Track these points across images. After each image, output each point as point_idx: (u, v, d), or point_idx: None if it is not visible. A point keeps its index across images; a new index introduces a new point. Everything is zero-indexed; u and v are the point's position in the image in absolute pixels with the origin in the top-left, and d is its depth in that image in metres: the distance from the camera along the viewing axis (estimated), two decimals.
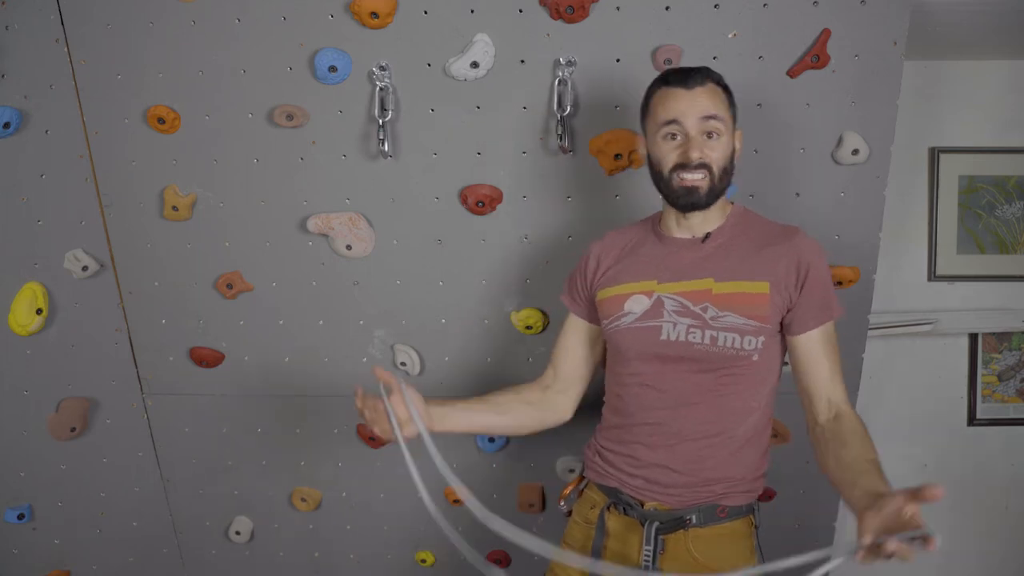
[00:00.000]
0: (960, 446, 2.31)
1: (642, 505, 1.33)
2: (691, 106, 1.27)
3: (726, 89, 1.32)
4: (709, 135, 1.28)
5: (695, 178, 1.27)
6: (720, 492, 1.30)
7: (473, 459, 1.91)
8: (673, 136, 1.29)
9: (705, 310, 1.28)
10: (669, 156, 1.30)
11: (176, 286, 1.83)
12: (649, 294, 1.33)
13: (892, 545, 0.93)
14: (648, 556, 1.28)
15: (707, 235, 1.34)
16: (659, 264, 1.35)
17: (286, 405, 1.91)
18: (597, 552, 1.36)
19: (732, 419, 1.30)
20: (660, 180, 1.33)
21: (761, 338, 1.27)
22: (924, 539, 0.92)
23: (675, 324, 1.29)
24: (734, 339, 1.26)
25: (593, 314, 1.45)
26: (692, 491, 1.30)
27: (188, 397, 1.92)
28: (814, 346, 1.30)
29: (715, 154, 1.28)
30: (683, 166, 1.28)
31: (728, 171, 1.31)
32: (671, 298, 1.31)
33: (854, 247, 1.68)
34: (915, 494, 0.96)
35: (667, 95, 1.30)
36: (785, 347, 1.35)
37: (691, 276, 1.31)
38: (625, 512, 1.35)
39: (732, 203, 1.39)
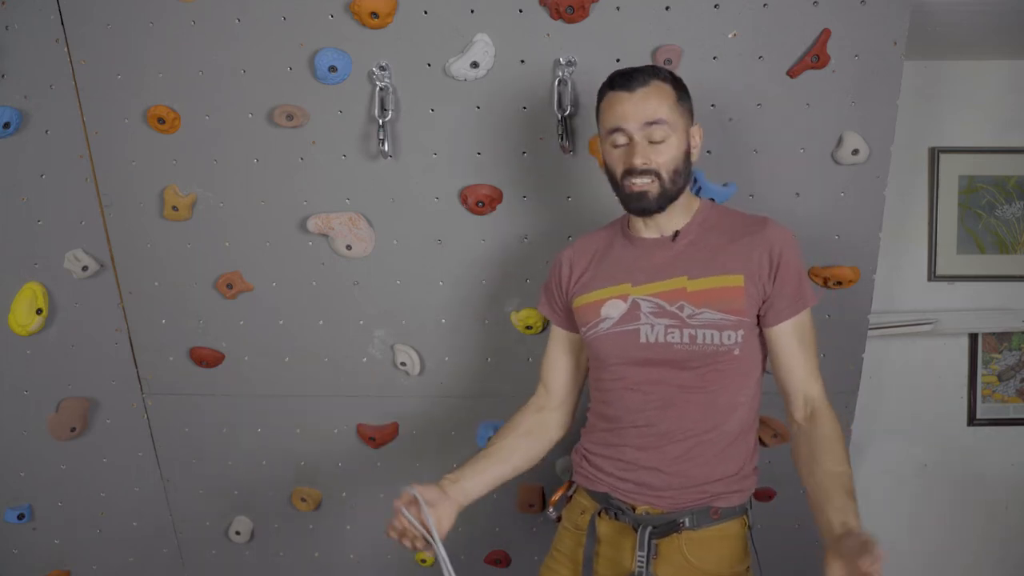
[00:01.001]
0: (960, 446, 2.31)
1: (633, 510, 1.32)
2: (633, 111, 1.25)
3: (677, 85, 1.30)
4: (652, 140, 1.26)
5: (643, 183, 1.26)
6: (712, 493, 1.30)
7: None
8: (618, 144, 1.28)
9: (681, 309, 1.27)
10: (617, 164, 1.29)
11: (176, 286, 1.83)
12: (624, 298, 1.31)
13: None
14: (642, 561, 1.27)
15: (676, 233, 1.33)
16: (632, 266, 1.34)
17: (286, 405, 1.91)
18: (589, 559, 1.34)
19: (720, 416, 1.29)
20: (614, 185, 1.32)
21: (740, 332, 1.26)
22: None
23: (653, 326, 1.28)
24: (713, 335, 1.26)
25: (573, 323, 1.43)
26: (683, 493, 1.29)
27: (188, 397, 1.92)
28: (789, 339, 1.29)
29: (661, 158, 1.26)
30: (630, 172, 1.27)
31: (679, 172, 1.28)
32: (647, 300, 1.30)
33: (854, 247, 1.68)
34: (866, 547, 0.99)
35: (612, 100, 1.28)
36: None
37: (664, 276, 1.30)
38: (616, 517, 1.33)
39: (699, 200, 1.38)
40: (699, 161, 1.39)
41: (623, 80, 1.27)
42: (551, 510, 1.45)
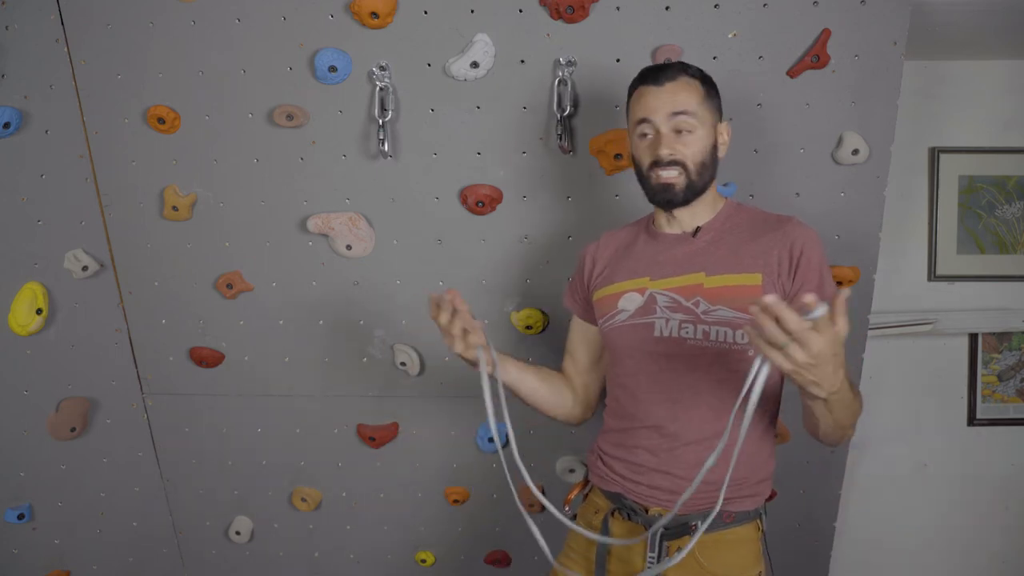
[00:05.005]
0: (960, 446, 2.31)
1: (646, 511, 1.31)
2: (660, 103, 1.27)
3: (705, 82, 1.32)
4: (679, 131, 1.27)
5: (669, 175, 1.27)
6: (725, 497, 1.28)
7: (473, 459, 1.91)
8: (645, 134, 1.30)
9: (697, 304, 1.27)
10: (644, 154, 1.31)
11: (176, 286, 1.83)
12: (642, 291, 1.32)
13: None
14: (652, 562, 1.26)
15: (697, 229, 1.34)
16: (652, 261, 1.35)
17: (286, 405, 1.91)
18: (601, 558, 1.33)
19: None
20: (641, 178, 1.33)
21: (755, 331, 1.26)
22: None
23: (667, 320, 1.29)
24: (726, 333, 1.25)
25: (593, 316, 1.43)
26: (696, 496, 1.27)
27: (188, 397, 1.92)
28: None
29: (688, 150, 1.27)
30: (656, 164, 1.28)
31: (707, 165, 1.30)
32: (663, 294, 1.30)
33: (854, 247, 1.68)
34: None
35: (641, 93, 1.31)
36: None
37: (682, 271, 1.31)
38: (629, 518, 1.33)
39: (725, 199, 1.38)
40: None
41: (652, 74, 1.30)
42: (566, 508, 1.43)
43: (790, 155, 1.64)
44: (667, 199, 1.30)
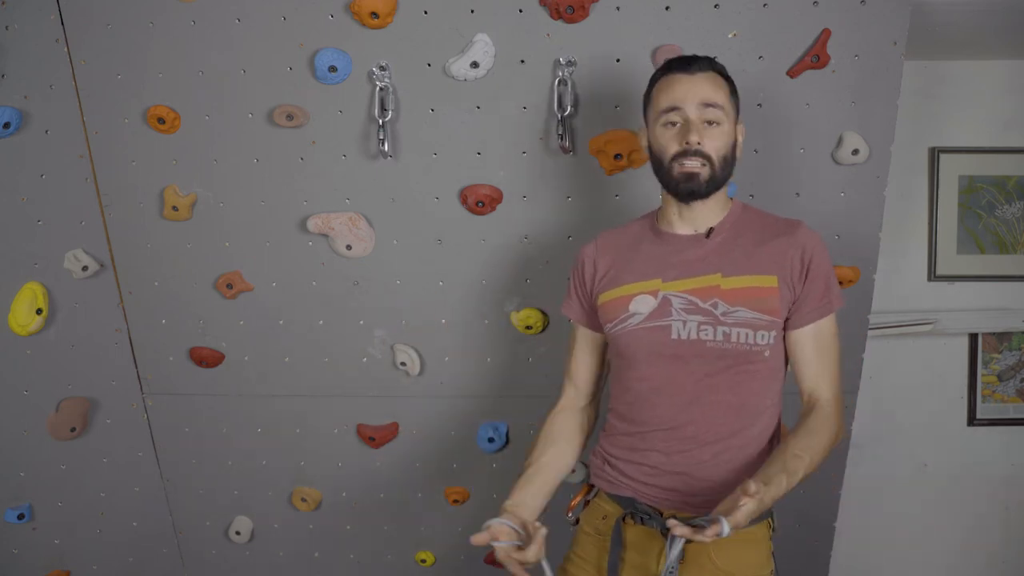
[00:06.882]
0: (960, 446, 2.31)
1: (660, 514, 1.29)
2: (691, 91, 1.26)
3: (729, 80, 1.31)
4: (709, 122, 1.26)
5: (693, 165, 1.25)
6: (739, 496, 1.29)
7: (473, 459, 1.91)
8: (673, 123, 1.27)
9: (715, 306, 1.26)
10: (670, 144, 1.27)
11: (176, 286, 1.83)
12: (655, 293, 1.30)
13: (679, 530, 1.08)
14: (673, 569, 1.24)
15: (710, 230, 1.32)
16: (662, 262, 1.32)
17: (286, 405, 1.91)
18: (614, 565, 1.31)
19: (747, 418, 1.28)
20: (661, 169, 1.30)
21: (772, 332, 1.26)
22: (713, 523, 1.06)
23: (685, 322, 1.27)
24: (747, 334, 1.25)
25: (597, 322, 1.39)
26: (711, 498, 1.26)
27: (188, 397, 1.92)
28: (807, 343, 1.29)
29: (715, 143, 1.26)
30: (683, 153, 1.26)
31: (729, 161, 1.29)
32: (679, 296, 1.28)
33: (854, 247, 1.68)
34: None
35: (669, 81, 1.28)
36: None
37: (698, 272, 1.29)
38: (643, 522, 1.30)
39: (732, 199, 1.37)
40: None
41: (682, 63, 1.28)
42: (570, 515, 1.42)
43: (790, 155, 1.64)
44: (690, 190, 1.27)
